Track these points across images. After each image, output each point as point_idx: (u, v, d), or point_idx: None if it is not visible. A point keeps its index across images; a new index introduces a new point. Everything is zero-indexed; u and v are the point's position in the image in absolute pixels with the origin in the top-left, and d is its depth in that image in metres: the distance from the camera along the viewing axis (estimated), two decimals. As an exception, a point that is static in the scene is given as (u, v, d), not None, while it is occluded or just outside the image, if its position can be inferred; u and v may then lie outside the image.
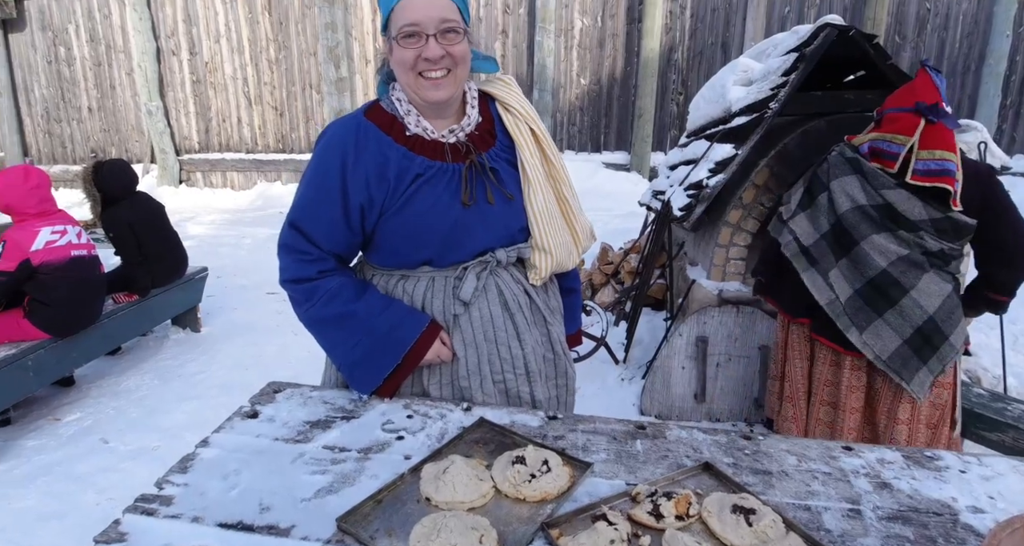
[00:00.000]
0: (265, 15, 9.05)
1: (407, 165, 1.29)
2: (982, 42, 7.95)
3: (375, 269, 1.42)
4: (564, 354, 1.52)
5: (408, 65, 1.24)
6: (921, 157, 1.95)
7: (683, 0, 8.21)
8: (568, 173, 1.45)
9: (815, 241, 2.14)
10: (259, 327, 4.47)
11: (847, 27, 2.89)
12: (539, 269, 1.41)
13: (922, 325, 1.99)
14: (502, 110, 1.40)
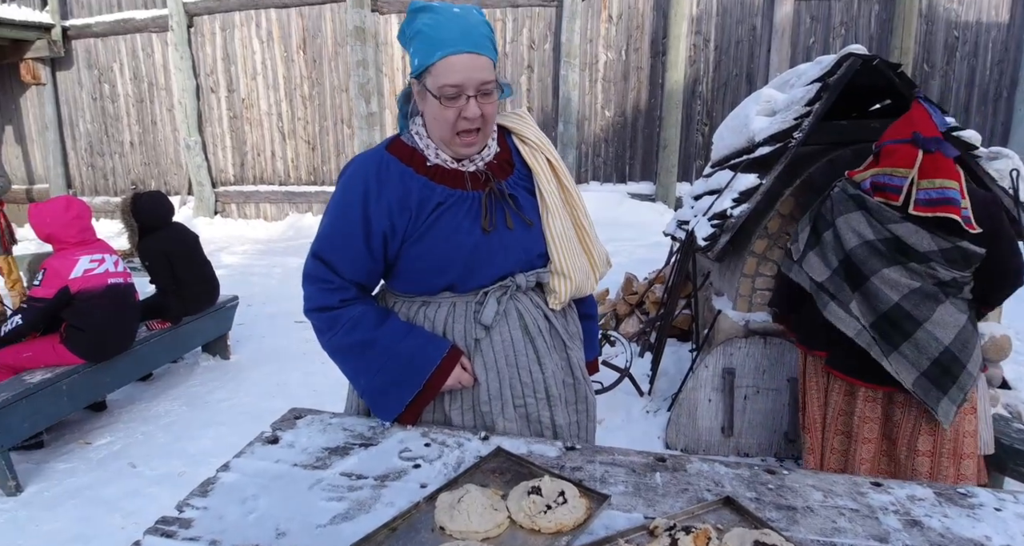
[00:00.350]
0: (300, 54, 9.38)
1: (428, 194, 1.33)
2: (1013, 69, 7.85)
3: (397, 296, 1.45)
4: (584, 379, 1.52)
5: (449, 124, 1.29)
6: (922, 186, 1.95)
7: (707, 33, 8.29)
8: (584, 201, 1.48)
9: (828, 276, 2.15)
10: (286, 355, 4.52)
11: (871, 56, 2.88)
12: (558, 293, 1.43)
13: (939, 356, 1.97)
14: (519, 142, 1.44)
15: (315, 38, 9.27)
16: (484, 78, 1.26)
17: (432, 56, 1.25)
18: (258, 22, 9.40)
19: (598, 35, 8.47)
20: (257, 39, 9.47)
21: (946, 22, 7.87)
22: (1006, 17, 7.79)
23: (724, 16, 8.23)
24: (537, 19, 8.54)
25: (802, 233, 2.27)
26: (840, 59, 2.93)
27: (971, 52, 7.92)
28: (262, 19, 9.37)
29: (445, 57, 1.24)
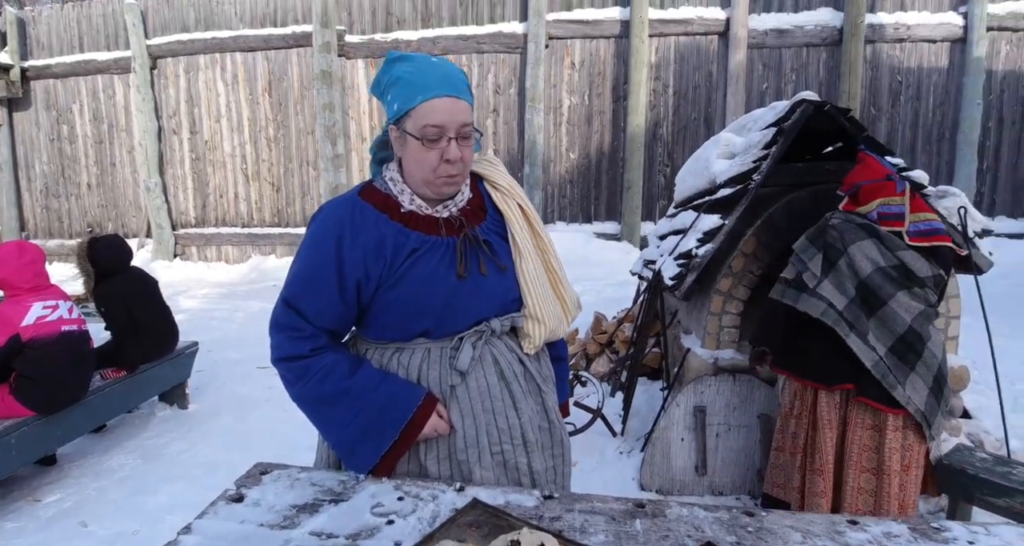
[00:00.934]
0: (266, 96, 9.40)
1: (403, 241, 1.33)
2: (954, 111, 8.32)
3: (369, 343, 1.42)
4: (559, 423, 1.51)
5: (431, 165, 1.30)
6: (911, 220, 2.18)
7: (665, 79, 8.61)
8: (553, 245, 1.49)
9: (846, 305, 2.20)
10: (249, 403, 4.38)
11: (822, 102, 3.02)
12: (533, 337, 1.43)
13: (937, 372, 2.14)
14: (490, 188, 1.46)
15: (281, 81, 9.31)
16: (465, 120, 1.29)
17: (413, 100, 1.27)
18: (223, 65, 9.42)
19: (562, 80, 8.71)
20: (222, 82, 9.48)
21: (890, 68, 8.34)
22: (945, 63, 8.30)
23: (682, 63, 8.57)
24: (502, 65, 8.76)
25: (811, 261, 2.28)
26: (794, 105, 3.06)
27: (914, 95, 8.38)
28: (227, 62, 9.39)
29: (427, 100, 1.27)
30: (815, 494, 2.27)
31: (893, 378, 2.12)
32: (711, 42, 8.49)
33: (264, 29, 9.14)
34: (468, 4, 8.76)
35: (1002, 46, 8.24)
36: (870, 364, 2.14)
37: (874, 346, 2.15)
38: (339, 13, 8.90)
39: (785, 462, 2.43)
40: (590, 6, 8.54)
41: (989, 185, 8.35)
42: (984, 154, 8.36)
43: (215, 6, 9.25)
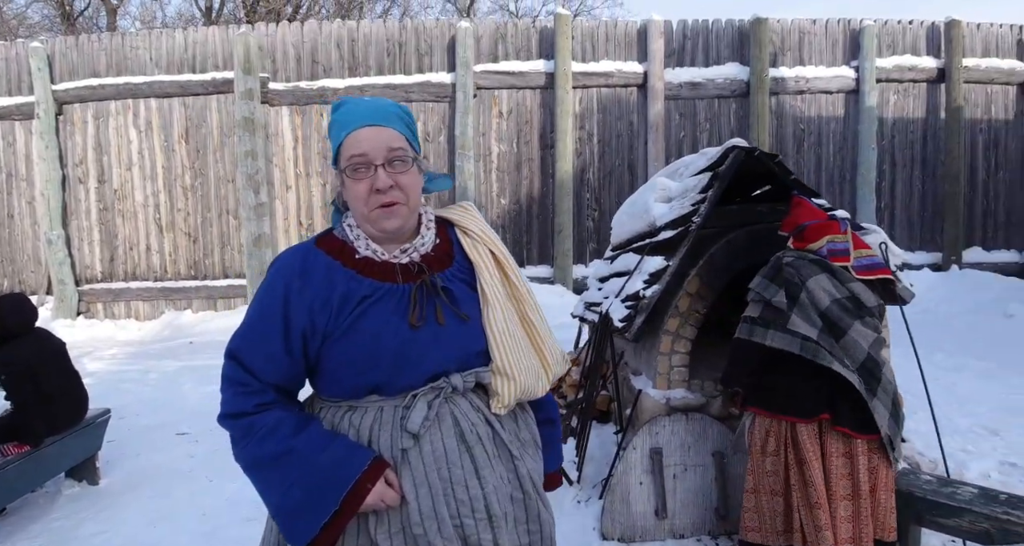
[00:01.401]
0: (182, 143, 9.04)
1: (354, 287, 1.25)
2: (853, 155, 9.06)
3: (323, 401, 1.31)
4: (537, 494, 1.34)
5: (362, 197, 1.25)
6: (855, 256, 2.35)
7: (590, 128, 8.95)
8: (534, 296, 1.39)
9: (819, 335, 2.26)
10: (168, 474, 3.99)
11: (752, 148, 3.19)
12: (502, 396, 1.29)
13: (893, 396, 2.25)
14: (461, 234, 1.39)
15: (199, 128, 8.99)
16: (391, 144, 1.24)
17: (339, 137, 1.26)
18: (135, 111, 9.01)
19: (490, 129, 8.88)
20: (134, 128, 9.04)
21: (793, 117, 9.03)
22: (842, 112, 9.07)
23: (605, 113, 8.95)
24: (431, 113, 8.84)
25: (775, 298, 2.31)
26: (726, 151, 3.21)
27: (816, 142, 9.08)
28: (140, 108, 9.00)
29: (350, 132, 1.24)
30: (819, 528, 2.22)
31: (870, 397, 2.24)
32: (631, 93, 8.93)
33: (182, 75, 8.85)
34: (396, 54, 8.85)
35: (890, 96, 9.12)
36: (857, 383, 2.22)
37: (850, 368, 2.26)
38: (262, 60, 8.77)
39: (762, 504, 2.38)
40: (516, 58, 8.82)
41: (887, 222, 9.08)
42: (881, 194, 9.12)
43: (128, 51, 8.91)
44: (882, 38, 9.04)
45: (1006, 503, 2.28)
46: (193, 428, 4.70)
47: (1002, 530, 2.17)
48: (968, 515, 2.28)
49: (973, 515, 2.26)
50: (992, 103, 9.28)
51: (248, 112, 8.60)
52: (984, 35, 9.20)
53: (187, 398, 5.52)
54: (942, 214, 9.15)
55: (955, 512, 2.32)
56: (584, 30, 8.92)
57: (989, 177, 9.36)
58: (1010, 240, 9.37)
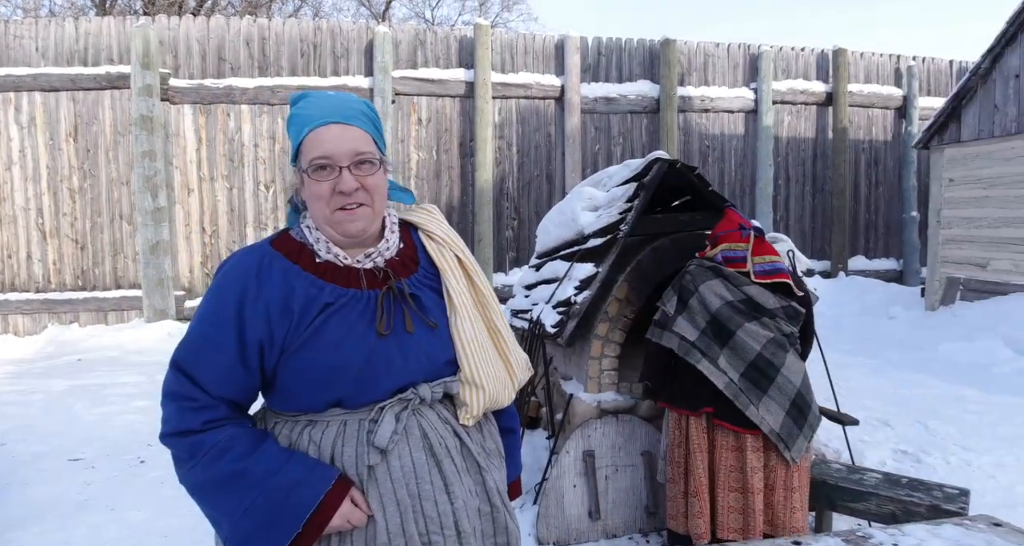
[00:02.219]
0: (70, 142, 8.32)
1: (315, 294, 1.17)
2: (752, 170, 9.68)
3: (278, 416, 1.22)
4: (504, 506, 1.30)
5: (324, 198, 1.18)
6: (756, 262, 2.51)
7: (509, 138, 9.04)
8: (497, 302, 1.36)
9: (698, 337, 2.44)
10: (62, 506, 3.62)
11: (674, 160, 3.34)
12: (470, 406, 1.25)
13: (795, 397, 2.34)
14: (425, 238, 1.34)
15: (90, 125, 8.32)
16: (358, 147, 1.18)
17: (300, 134, 1.19)
18: (17, 105, 8.21)
19: (409, 136, 8.78)
20: (15, 124, 8.23)
21: (698, 134, 9.53)
22: (742, 130, 9.68)
23: (523, 124, 9.08)
24: (347, 117, 8.62)
25: (668, 303, 2.58)
26: (650, 163, 3.34)
27: (719, 157, 9.63)
28: (23, 102, 8.21)
29: (312, 130, 1.18)
30: (694, 515, 2.45)
31: (745, 398, 2.35)
32: (549, 105, 9.11)
33: (72, 68, 8.16)
34: (310, 55, 8.59)
35: (784, 117, 9.83)
36: (722, 385, 2.38)
37: (725, 370, 2.39)
38: (163, 55, 8.25)
39: (675, 494, 2.58)
40: (435, 66, 8.79)
41: (784, 232, 9.75)
42: (777, 207, 9.80)
43: (12, 40, 8.12)
44: (778, 63, 9.75)
45: (908, 486, 2.50)
46: (88, 453, 4.30)
47: (905, 511, 2.37)
48: (875, 499, 2.47)
49: (879, 498, 2.46)
50: (873, 125, 10.22)
51: (146, 109, 8.05)
52: (867, 63, 10.13)
53: (79, 420, 5.04)
54: (830, 226, 9.95)
55: (863, 496, 2.51)
56: (503, 41, 9.03)
57: (871, 192, 10.28)
58: (889, 249, 10.33)
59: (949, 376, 5.44)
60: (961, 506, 2.35)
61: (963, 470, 3.54)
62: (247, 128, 8.51)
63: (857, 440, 3.81)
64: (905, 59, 10.27)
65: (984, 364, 5.76)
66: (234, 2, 17.47)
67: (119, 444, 4.42)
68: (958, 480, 3.34)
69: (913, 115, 10.08)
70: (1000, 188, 7.15)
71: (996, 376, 5.50)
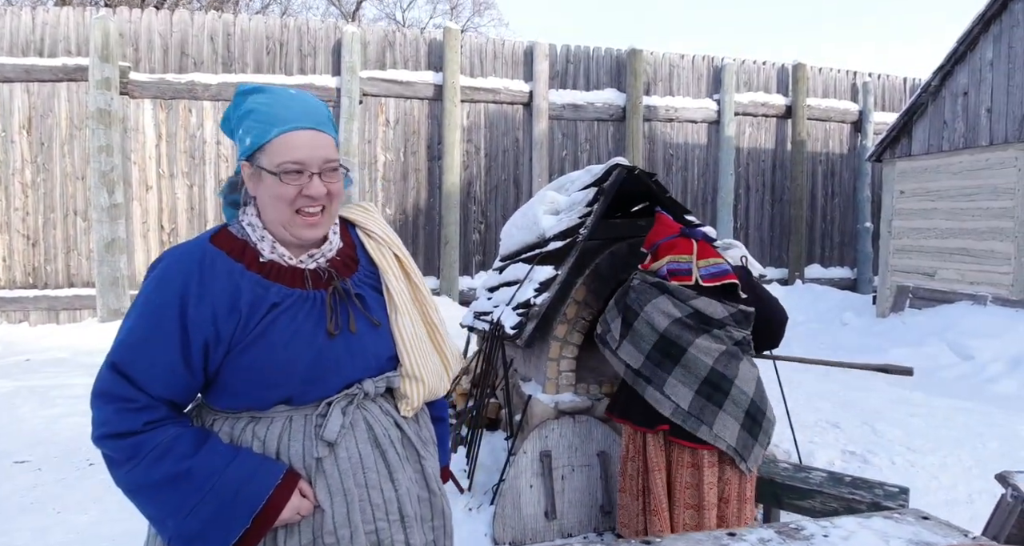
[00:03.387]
0: (23, 134, 8.06)
1: (261, 294, 1.18)
2: (714, 179, 9.90)
3: (217, 413, 1.22)
4: (440, 491, 1.37)
5: (288, 200, 1.18)
6: (701, 266, 2.43)
7: (477, 142, 9.07)
8: (431, 297, 1.41)
9: (643, 363, 2.38)
10: (8, 507, 3.50)
11: (633, 167, 3.41)
12: (411, 399, 1.30)
13: (748, 408, 2.30)
14: (363, 236, 1.36)
15: (45, 118, 8.07)
16: (328, 155, 1.20)
17: (268, 133, 1.18)
18: (-33, 96, 7.92)
19: (376, 137, 8.74)
20: (-36, 115, 7.94)
21: (663, 143, 9.71)
22: (705, 140, 9.89)
23: (491, 128, 9.12)
24: (313, 117, 8.55)
25: (613, 323, 2.49)
26: (610, 168, 3.40)
27: (683, 166, 9.82)
28: (-27, 93, 7.93)
29: (284, 133, 1.17)
30: (654, 534, 2.37)
31: (696, 421, 2.28)
32: (517, 111, 9.18)
33: (27, 58, 7.91)
34: (276, 53, 8.49)
35: (746, 128, 10.09)
36: (668, 413, 2.31)
37: (671, 394, 2.31)
38: (123, 48, 8.06)
39: (627, 503, 2.55)
40: (404, 68, 8.78)
41: (743, 240, 9.98)
42: (737, 215, 10.03)
43: (-40, 28, 7.84)
44: (740, 76, 9.99)
45: (851, 484, 2.59)
46: (34, 455, 4.16)
47: (848, 508, 2.45)
48: (820, 496, 2.55)
49: (824, 496, 2.54)
50: (830, 138, 10.55)
51: (104, 103, 7.85)
52: (824, 78, 10.46)
53: (25, 422, 4.87)
54: (788, 234, 10.22)
55: (809, 494, 2.59)
56: (473, 46, 9.07)
57: (827, 202, 10.60)
58: (844, 258, 10.66)
59: (896, 380, 5.63)
60: (901, 503, 2.45)
61: (907, 470, 3.67)
62: (209, 125, 8.36)
63: (807, 441, 3.92)
64: (861, 75, 10.64)
65: (930, 369, 5.98)
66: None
67: (67, 447, 4.30)
68: (902, 480, 3.46)
69: (868, 129, 10.45)
70: (947, 200, 7.46)
71: (941, 380, 5.73)
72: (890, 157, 8.16)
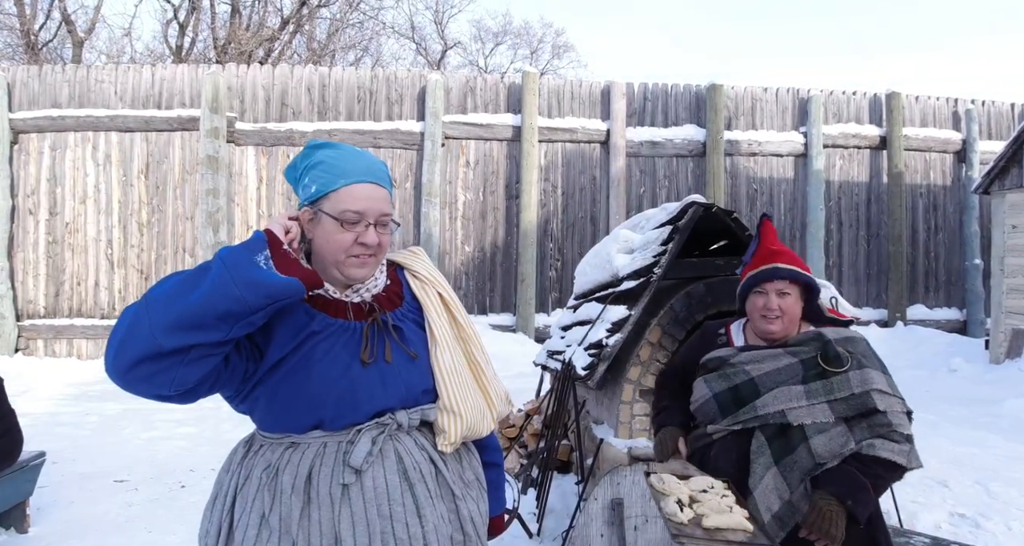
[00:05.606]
0: (141, 178, 8.89)
1: (305, 321, 1.25)
2: (802, 214, 9.48)
3: (264, 438, 1.29)
4: (478, 537, 1.33)
5: (345, 246, 1.27)
6: None
7: (554, 180, 9.17)
8: (480, 338, 1.43)
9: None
10: (103, 525, 3.74)
11: (710, 204, 3.33)
12: (448, 433, 1.30)
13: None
14: (410, 276, 1.42)
15: (160, 164, 8.88)
16: (385, 209, 1.29)
17: (335, 182, 1.27)
18: (95, 144, 8.85)
19: (457, 177, 9.01)
20: (92, 161, 8.86)
21: (746, 177, 9.44)
22: (791, 174, 9.54)
23: (568, 167, 9.20)
24: (399, 160, 8.95)
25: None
26: (685, 206, 3.34)
27: (767, 201, 9.49)
28: (100, 141, 8.85)
29: (349, 185, 1.26)
30: None
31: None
32: (594, 149, 9.23)
33: (146, 110, 8.79)
34: (366, 101, 8.99)
35: (836, 160, 9.66)
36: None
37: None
38: (230, 100, 8.79)
39: None
40: (484, 111, 9.07)
41: (836, 279, 9.45)
42: (829, 252, 9.52)
43: (93, 84, 8.82)
44: (828, 107, 9.63)
45: (955, 554, 2.33)
46: (133, 476, 4.46)
47: (952, 580, 2.21)
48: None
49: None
50: (931, 169, 9.91)
51: (213, 150, 8.55)
52: (922, 106, 9.90)
53: (128, 444, 5.25)
54: (887, 273, 9.59)
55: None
56: (550, 88, 9.26)
57: (930, 238, 9.90)
58: (951, 298, 9.86)
59: (1014, 434, 5.09)
60: (1017, 578, 2.19)
61: (1027, 538, 3.29)
62: (303, 168, 8.91)
63: (910, 501, 3.59)
64: (963, 102, 10.00)
65: (1055, 424, 5.37)
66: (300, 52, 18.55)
67: (162, 469, 4.56)
68: (1021, 549, 3.10)
69: (973, 159, 9.75)
70: (1069, 237, 6.79)
71: (1068, 437, 5.12)
72: (999, 189, 7.56)
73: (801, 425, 1.77)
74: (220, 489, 1.29)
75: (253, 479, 1.25)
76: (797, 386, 1.81)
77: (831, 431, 1.75)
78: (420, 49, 21.84)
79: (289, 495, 1.21)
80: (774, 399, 1.82)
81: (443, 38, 21.93)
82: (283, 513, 1.20)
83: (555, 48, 23.11)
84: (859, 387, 1.77)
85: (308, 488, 1.22)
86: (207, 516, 1.29)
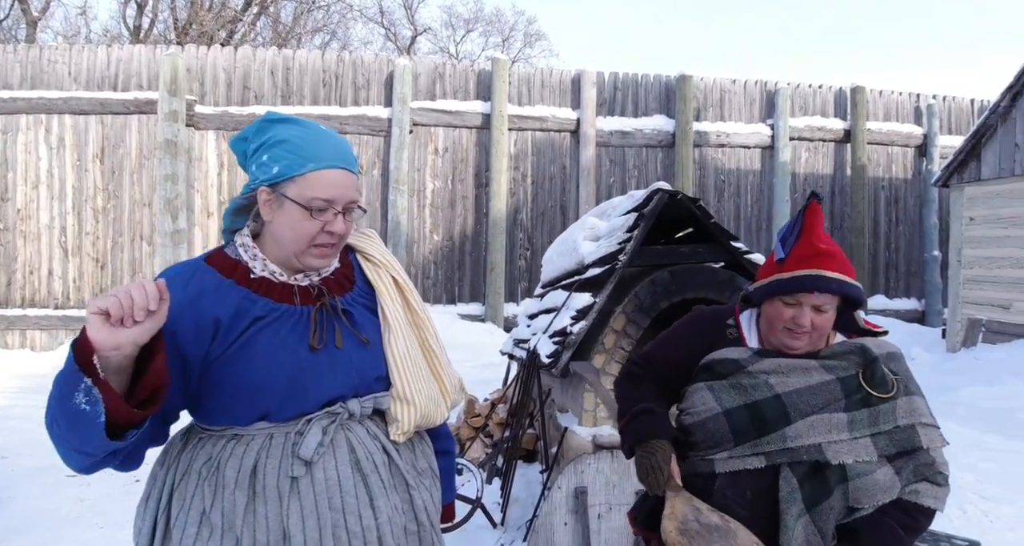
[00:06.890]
0: (96, 163, 8.56)
1: (246, 307, 1.17)
2: (768, 206, 9.60)
3: (204, 431, 1.21)
4: (432, 526, 1.30)
5: (309, 235, 1.20)
6: None
7: (524, 169, 9.11)
8: (434, 324, 1.38)
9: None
10: (54, 520, 3.61)
11: (675, 191, 3.31)
12: (401, 422, 1.26)
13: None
14: (362, 260, 1.36)
15: (117, 148, 8.56)
16: (354, 197, 1.23)
17: (302, 166, 1.19)
18: (48, 127, 8.49)
19: (425, 165, 8.89)
20: (45, 145, 8.50)
21: (714, 169, 9.51)
22: (758, 166, 9.64)
23: (539, 156, 9.15)
24: (366, 147, 8.78)
25: None
26: (651, 193, 3.32)
27: (735, 193, 9.58)
28: (53, 124, 8.48)
29: (319, 170, 1.19)
30: None
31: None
32: (564, 138, 9.19)
33: (102, 92, 8.44)
34: (332, 85, 8.79)
35: (802, 153, 9.79)
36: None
37: None
38: (190, 82, 8.51)
39: None
40: (453, 98, 8.94)
41: (800, 271, 9.60)
42: (793, 244, 9.66)
43: (46, 64, 8.44)
44: (795, 100, 9.74)
45: (910, 538, 2.35)
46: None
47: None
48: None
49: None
50: (893, 163, 10.12)
51: (171, 134, 8.27)
52: (886, 101, 10.08)
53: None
54: (849, 264, 9.77)
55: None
56: (521, 76, 9.17)
57: (891, 230, 10.12)
58: (911, 289, 10.10)
59: (969, 421, 5.23)
60: (971, 560, 2.21)
61: (980, 521, 3.37)
62: (267, 154, 8.69)
63: (866, 485, 3.65)
64: (925, 97, 10.21)
65: (1006, 409, 5.53)
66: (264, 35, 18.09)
67: (116, 463, 4.42)
68: (974, 532, 3.16)
69: (933, 153, 9.97)
70: (1021, 227, 6.99)
71: (1018, 422, 5.28)
72: (958, 182, 7.74)
73: (842, 464, 1.38)
74: (155, 485, 1.21)
75: (192, 473, 1.17)
76: (839, 414, 1.41)
77: (875, 473, 1.38)
78: (389, 34, 21.50)
79: (232, 489, 1.14)
80: (810, 429, 1.40)
81: (413, 23, 21.63)
82: (226, 508, 1.13)
83: (527, 36, 22.99)
84: (905, 419, 1.42)
85: (253, 482, 1.15)
86: (140, 514, 1.21)
